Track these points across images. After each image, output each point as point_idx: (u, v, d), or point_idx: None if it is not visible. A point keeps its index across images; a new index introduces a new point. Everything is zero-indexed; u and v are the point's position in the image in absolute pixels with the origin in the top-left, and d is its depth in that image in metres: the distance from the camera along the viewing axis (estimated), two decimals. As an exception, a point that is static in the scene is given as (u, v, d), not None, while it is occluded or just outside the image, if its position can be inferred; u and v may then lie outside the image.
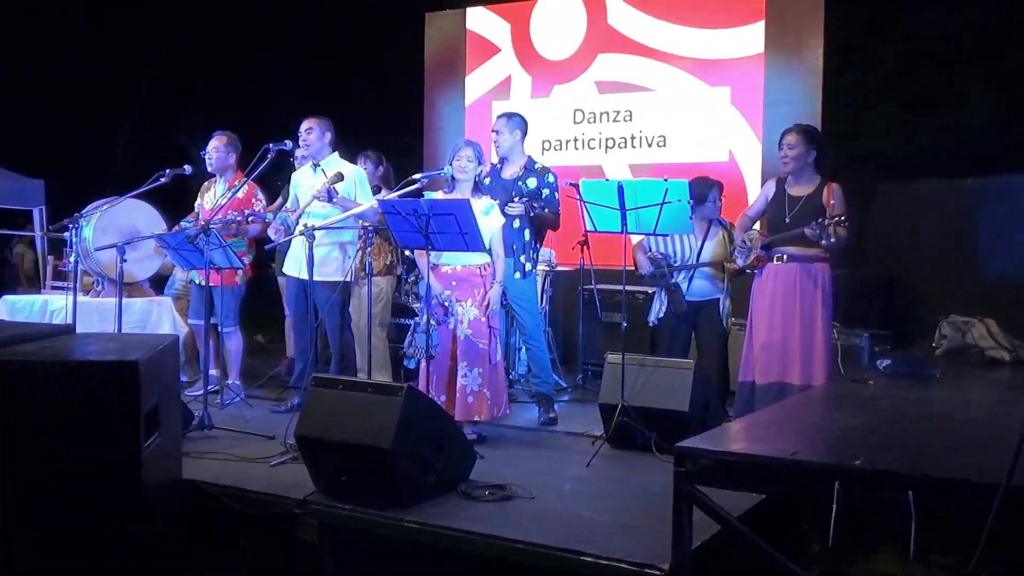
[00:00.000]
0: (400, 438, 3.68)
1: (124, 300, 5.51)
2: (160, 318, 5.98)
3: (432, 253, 4.77)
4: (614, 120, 8.21)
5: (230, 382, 5.98)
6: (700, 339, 5.60)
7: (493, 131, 5.66)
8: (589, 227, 4.79)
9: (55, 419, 3.31)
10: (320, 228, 5.02)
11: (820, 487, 2.80)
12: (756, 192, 7.43)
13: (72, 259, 5.98)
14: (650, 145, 8.03)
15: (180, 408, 4.37)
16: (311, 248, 4.84)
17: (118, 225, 5.87)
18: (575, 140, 8.37)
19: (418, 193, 4.99)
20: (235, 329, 6.07)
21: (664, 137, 7.96)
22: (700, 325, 5.58)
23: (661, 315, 5.63)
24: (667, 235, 5.32)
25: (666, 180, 4.50)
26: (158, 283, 6.79)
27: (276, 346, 8.19)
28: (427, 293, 4.73)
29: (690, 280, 5.51)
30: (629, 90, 8.06)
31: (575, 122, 8.36)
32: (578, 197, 4.76)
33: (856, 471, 2.77)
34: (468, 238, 4.47)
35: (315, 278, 5.12)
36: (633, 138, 8.11)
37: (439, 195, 4.99)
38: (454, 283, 4.83)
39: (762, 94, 7.52)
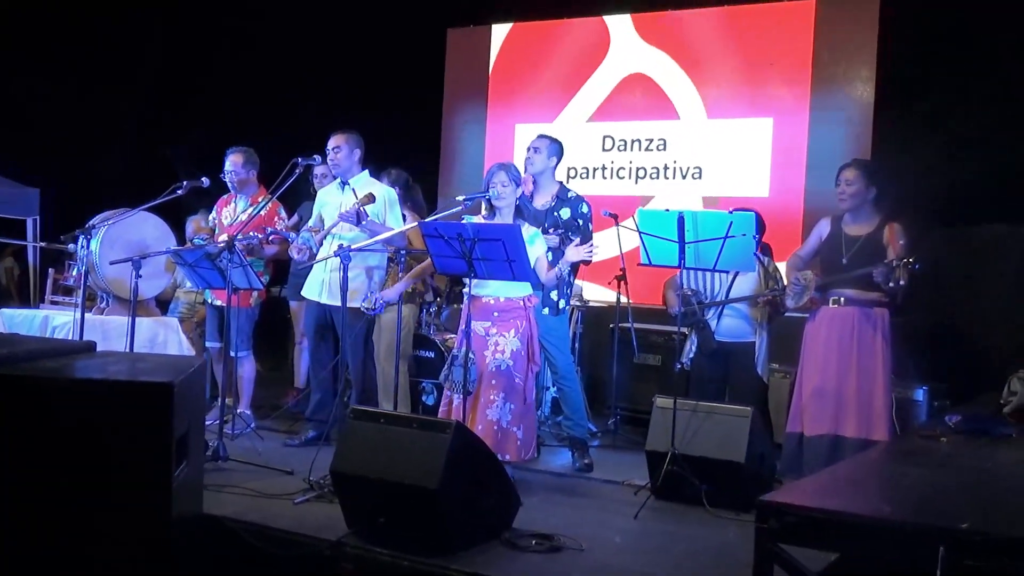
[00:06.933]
0: (447, 479, 3.62)
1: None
2: (167, 339, 5.90)
3: (473, 282, 4.72)
4: (646, 149, 8.21)
5: (240, 411, 5.89)
6: (731, 387, 5.55)
7: (530, 148, 5.62)
8: (644, 260, 4.75)
9: (81, 441, 3.24)
10: (357, 249, 4.96)
11: (923, 551, 2.74)
12: (797, 230, 7.46)
13: (75, 272, 5.94)
14: (684, 177, 8.02)
15: (204, 437, 4.28)
16: (345, 271, 4.78)
17: (127, 239, 5.80)
18: (603, 168, 8.36)
19: (458, 216, 4.96)
20: (248, 354, 6.01)
21: (700, 169, 7.95)
22: (731, 370, 5.53)
23: (691, 355, 5.59)
24: (699, 270, 5.26)
25: (731, 212, 4.47)
26: (161, 305, 6.71)
27: (277, 375, 8.08)
28: (467, 323, 4.67)
29: (719, 317, 5.47)
30: (663, 118, 8.07)
31: (604, 149, 8.36)
32: (635, 228, 4.72)
33: (966, 536, 2.71)
34: (516, 266, 4.41)
35: (339, 304, 5.06)
36: (667, 168, 8.10)
37: (478, 220, 4.96)
38: (495, 314, 4.77)
39: (807, 126, 7.53)
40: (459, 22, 9.03)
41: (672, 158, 8.07)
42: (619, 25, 8.26)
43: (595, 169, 8.38)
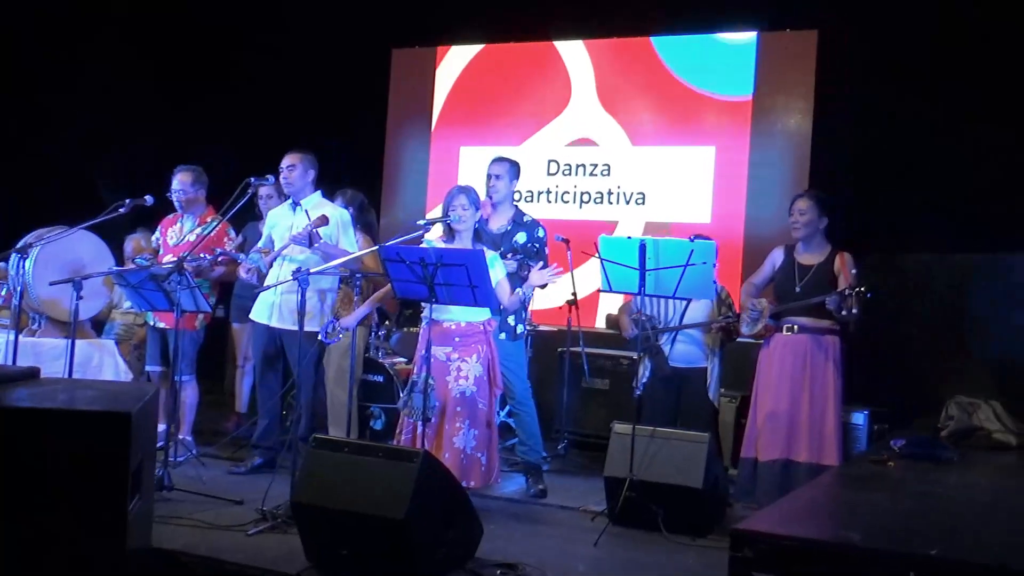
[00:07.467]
0: (415, 509, 3.54)
1: (64, 341, 5.23)
2: (102, 362, 5.66)
3: (433, 307, 4.65)
4: (591, 174, 8.24)
5: (182, 437, 5.69)
6: (683, 411, 5.57)
7: (491, 176, 5.58)
8: (604, 287, 4.75)
9: (31, 474, 3.09)
10: (316, 273, 4.85)
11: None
12: (738, 256, 7.57)
13: (4, 292, 5.71)
14: (628, 202, 8.07)
15: (155, 467, 4.12)
16: (303, 295, 4.67)
17: (63, 259, 5.56)
18: (548, 192, 8.37)
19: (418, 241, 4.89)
20: (192, 378, 5.84)
21: (643, 195, 8.01)
22: (684, 395, 5.55)
23: (645, 379, 5.60)
24: (655, 296, 5.28)
25: (692, 240, 4.50)
26: (96, 326, 6.46)
27: (211, 399, 7.85)
28: (427, 349, 4.60)
29: (672, 343, 5.50)
30: (608, 143, 8.12)
31: (549, 173, 8.37)
32: (597, 255, 4.71)
33: (936, 562, 2.75)
34: (479, 292, 4.37)
35: (291, 327, 4.94)
36: (610, 194, 8.14)
37: (437, 243, 4.90)
38: (457, 339, 4.72)
39: (747, 155, 7.65)
40: (403, 42, 8.97)
41: (616, 183, 8.12)
42: (578, 75, 8.29)
43: (540, 193, 8.38)
